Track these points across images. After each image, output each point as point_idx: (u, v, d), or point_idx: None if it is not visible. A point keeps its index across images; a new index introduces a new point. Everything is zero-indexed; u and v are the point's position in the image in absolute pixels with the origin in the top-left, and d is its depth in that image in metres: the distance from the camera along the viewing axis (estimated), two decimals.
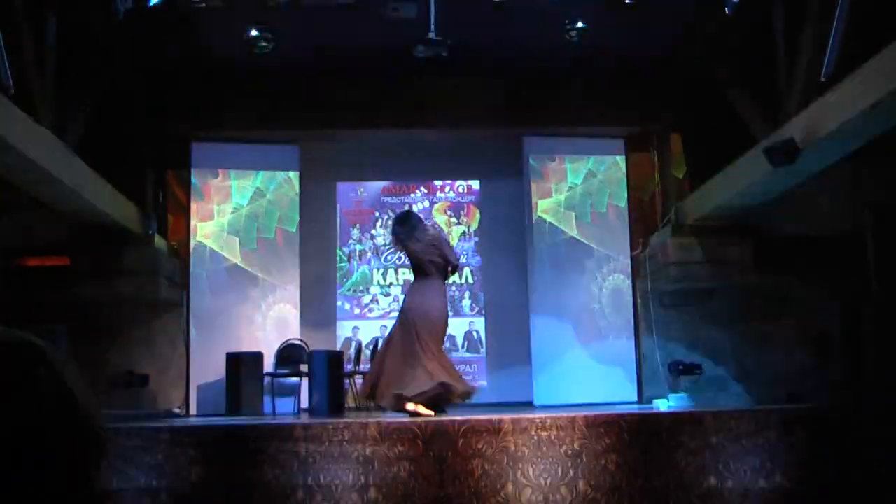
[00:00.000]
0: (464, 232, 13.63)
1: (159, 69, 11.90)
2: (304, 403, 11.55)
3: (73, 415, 1.26)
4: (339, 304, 13.32)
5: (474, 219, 13.69)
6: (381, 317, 13.18)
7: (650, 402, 11.79)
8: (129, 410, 10.50)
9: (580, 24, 10.66)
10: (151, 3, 9.62)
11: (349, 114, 12.38)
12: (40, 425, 1.21)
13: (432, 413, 8.72)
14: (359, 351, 12.44)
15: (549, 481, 7.49)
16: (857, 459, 7.50)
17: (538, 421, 7.76)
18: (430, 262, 9.21)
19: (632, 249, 12.88)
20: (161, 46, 11.29)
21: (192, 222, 12.49)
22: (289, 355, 11.79)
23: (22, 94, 8.22)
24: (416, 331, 9.00)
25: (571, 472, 7.53)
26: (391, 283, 13.43)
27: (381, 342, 9.87)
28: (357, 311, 13.19)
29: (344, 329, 13.10)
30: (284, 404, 11.73)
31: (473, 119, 12.52)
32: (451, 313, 13.13)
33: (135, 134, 11.88)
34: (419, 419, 8.19)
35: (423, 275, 9.28)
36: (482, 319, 13.43)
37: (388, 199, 13.57)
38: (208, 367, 11.83)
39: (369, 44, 11.38)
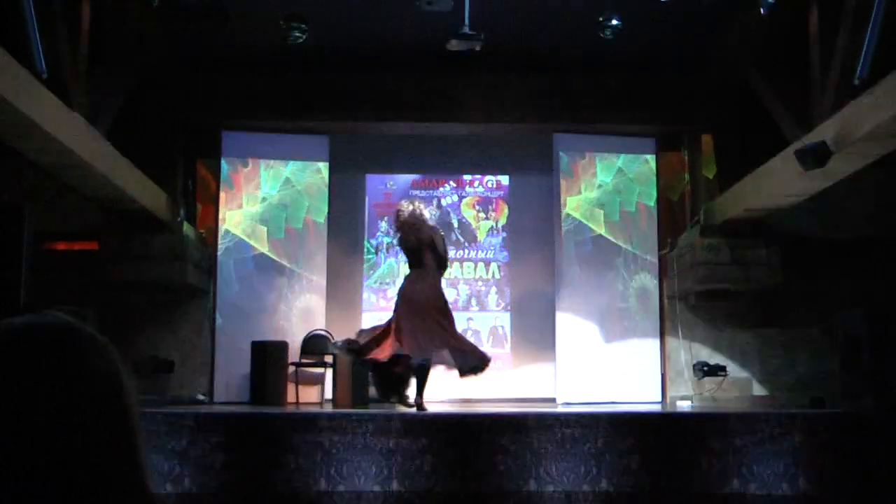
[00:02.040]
0: (492, 227, 13.61)
1: (192, 57, 11.95)
2: (328, 394, 11.56)
3: (119, 400, 1.27)
4: (365, 295, 13.33)
5: (502, 214, 13.67)
6: None
7: (674, 402, 11.78)
8: (154, 396, 10.57)
9: (614, 22, 10.62)
10: None
11: (380, 106, 12.39)
12: (89, 409, 1.22)
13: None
14: None
15: (571, 479, 7.49)
16: (882, 466, 7.46)
17: (562, 418, 7.77)
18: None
19: (660, 249, 12.82)
20: (194, 35, 11.32)
21: (221, 211, 12.51)
22: (314, 346, 11.82)
23: (55, 80, 8.27)
24: None
25: (594, 470, 7.52)
26: None
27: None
28: (383, 303, 13.16)
29: (369, 321, 13.10)
30: (308, 394, 11.76)
31: (504, 114, 12.52)
32: (476, 308, 13.29)
33: (166, 121, 11.94)
34: (443, 413, 8.20)
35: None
36: (508, 315, 13.41)
37: (417, 192, 13.52)
38: (233, 355, 11.86)
39: (403, 36, 11.39)
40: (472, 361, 9.33)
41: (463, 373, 9.32)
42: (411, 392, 9.19)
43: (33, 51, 8.03)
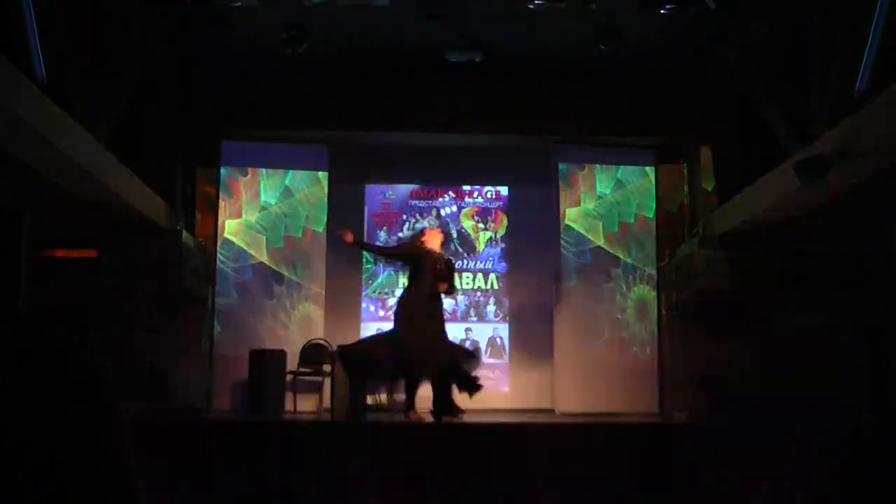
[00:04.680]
0: (490, 238, 13.61)
1: (192, 65, 11.96)
2: (327, 403, 11.55)
3: (109, 414, 1.26)
4: (363, 305, 13.33)
5: (501, 225, 13.67)
6: None
7: (672, 414, 11.76)
8: (151, 404, 10.54)
9: (613, 34, 10.64)
10: None
11: (380, 116, 12.40)
12: (79, 423, 1.21)
13: None
14: None
15: (568, 489, 7.48)
16: (880, 482, 7.45)
17: (560, 428, 7.77)
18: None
19: (658, 260, 12.82)
20: (195, 43, 11.34)
21: (220, 219, 12.52)
22: (312, 355, 11.81)
23: (55, 87, 8.27)
24: None
25: (592, 480, 7.51)
26: None
27: None
28: (381, 313, 13.17)
29: (368, 330, 13.09)
30: (306, 403, 11.75)
31: (504, 125, 12.52)
32: (475, 318, 13.28)
33: (166, 129, 11.93)
34: (441, 422, 8.19)
35: None
36: (506, 325, 13.41)
37: (417, 202, 13.57)
38: (231, 364, 11.86)
39: (402, 47, 11.40)
40: None
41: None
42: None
43: (33, 57, 8.04)
